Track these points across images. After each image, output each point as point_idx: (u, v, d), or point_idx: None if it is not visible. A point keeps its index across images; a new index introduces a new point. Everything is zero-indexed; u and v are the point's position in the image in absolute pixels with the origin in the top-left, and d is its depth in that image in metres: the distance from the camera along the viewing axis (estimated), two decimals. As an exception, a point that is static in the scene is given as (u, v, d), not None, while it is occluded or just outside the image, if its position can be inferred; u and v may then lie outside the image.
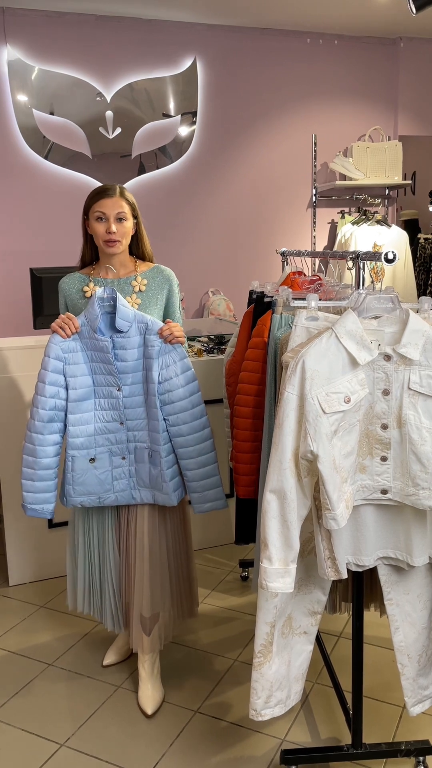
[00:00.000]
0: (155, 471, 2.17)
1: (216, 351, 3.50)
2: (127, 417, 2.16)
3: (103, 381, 2.15)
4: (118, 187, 2.19)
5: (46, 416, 2.13)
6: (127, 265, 2.25)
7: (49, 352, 2.12)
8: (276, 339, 2.12)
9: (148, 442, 2.18)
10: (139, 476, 2.21)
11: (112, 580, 2.29)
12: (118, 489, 2.21)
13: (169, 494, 2.17)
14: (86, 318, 2.11)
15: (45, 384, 2.11)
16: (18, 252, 4.44)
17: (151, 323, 2.11)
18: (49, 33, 4.34)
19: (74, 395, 2.14)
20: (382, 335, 1.70)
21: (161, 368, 2.12)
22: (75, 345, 2.13)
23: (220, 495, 2.29)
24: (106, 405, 2.16)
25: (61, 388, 2.13)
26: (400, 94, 5.16)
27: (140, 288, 2.21)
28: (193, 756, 2.07)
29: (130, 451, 2.20)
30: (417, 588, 1.91)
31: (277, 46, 4.85)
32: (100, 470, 2.19)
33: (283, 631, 1.90)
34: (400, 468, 1.73)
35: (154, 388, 2.11)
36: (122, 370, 2.12)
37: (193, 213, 4.85)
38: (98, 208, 2.14)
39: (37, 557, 3.12)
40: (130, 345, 2.11)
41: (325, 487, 1.63)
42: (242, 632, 2.70)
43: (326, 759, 2.02)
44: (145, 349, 2.12)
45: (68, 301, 2.26)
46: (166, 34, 4.58)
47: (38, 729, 2.20)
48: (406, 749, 2.01)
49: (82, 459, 2.17)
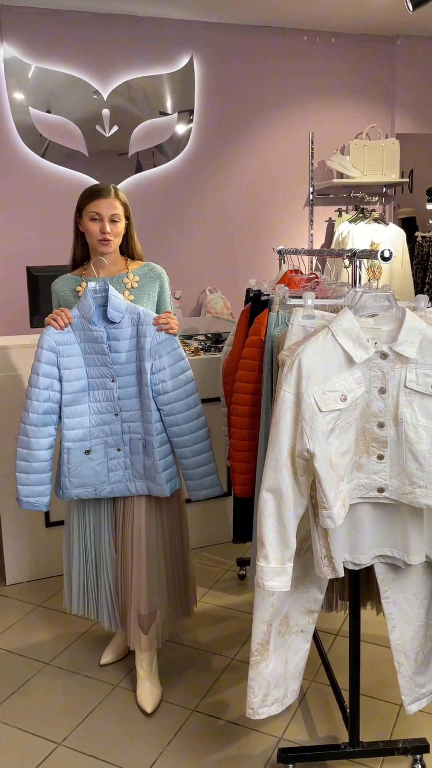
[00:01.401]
0: (149, 462, 2.18)
1: (213, 349, 3.49)
2: (121, 408, 2.17)
3: (97, 373, 2.15)
4: (112, 188, 2.20)
5: (40, 408, 2.13)
6: (117, 264, 2.27)
7: (42, 344, 2.12)
8: (273, 337, 2.11)
9: (142, 433, 2.19)
10: (134, 467, 2.21)
11: (108, 575, 2.29)
12: (113, 480, 2.21)
13: (162, 485, 2.18)
14: (79, 310, 2.12)
15: (39, 375, 2.12)
16: (15, 250, 4.43)
17: (144, 314, 2.12)
18: (46, 31, 4.32)
19: (69, 387, 2.14)
20: (379, 333, 1.70)
21: (154, 359, 2.13)
22: (69, 337, 2.13)
23: (216, 482, 2.31)
24: (100, 397, 2.17)
25: (54, 380, 2.14)
26: (398, 92, 5.16)
27: (132, 284, 2.23)
28: (191, 755, 2.07)
29: (125, 443, 2.20)
30: (414, 586, 1.92)
31: (274, 44, 4.84)
32: (95, 462, 2.19)
33: (280, 629, 1.90)
34: (397, 466, 1.73)
35: (147, 379, 2.12)
36: (116, 361, 2.13)
37: (190, 211, 4.85)
38: (93, 208, 2.15)
39: (34, 556, 3.12)
40: (123, 336, 2.12)
41: (321, 486, 1.63)
42: (239, 631, 2.70)
43: (323, 757, 2.02)
44: (137, 340, 2.13)
45: (62, 302, 2.27)
46: (162, 31, 4.57)
47: (35, 728, 2.20)
48: (403, 747, 2.01)
49: (78, 451, 2.18)
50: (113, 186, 2.22)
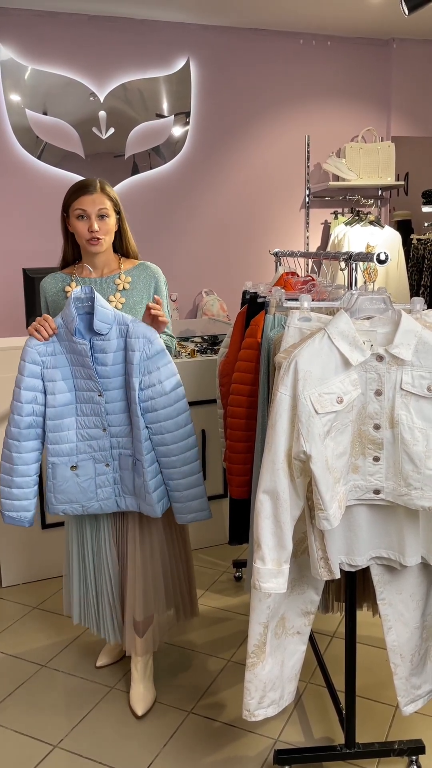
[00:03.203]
0: (139, 481, 2.08)
1: (209, 351, 3.50)
2: (109, 423, 2.06)
3: (83, 386, 2.04)
4: (98, 182, 2.08)
5: (23, 423, 2.04)
6: (110, 264, 2.17)
7: (24, 356, 2.03)
8: (269, 339, 2.12)
9: (132, 449, 2.08)
10: (124, 483, 2.11)
11: (109, 588, 2.21)
12: (101, 497, 2.12)
13: (153, 505, 2.07)
14: (63, 319, 2.00)
15: (21, 389, 2.03)
16: (11, 252, 4.43)
17: (133, 325, 1.99)
18: (42, 33, 4.33)
19: (53, 401, 2.04)
20: (375, 336, 1.71)
21: (144, 374, 2.01)
22: (53, 348, 2.03)
23: (204, 506, 2.18)
24: (87, 411, 2.06)
25: (39, 393, 2.04)
26: (393, 95, 5.17)
27: (124, 286, 2.12)
28: (187, 756, 2.07)
29: (114, 458, 2.10)
30: (410, 588, 1.92)
31: (270, 47, 4.85)
32: (82, 478, 2.09)
33: (276, 631, 1.90)
34: (393, 468, 1.73)
35: (135, 396, 2.00)
36: (102, 374, 2.01)
37: (186, 213, 4.85)
38: (78, 205, 2.04)
39: (30, 558, 3.12)
40: (111, 348, 1.99)
41: (317, 488, 1.63)
42: (236, 632, 2.70)
43: (319, 759, 2.02)
44: (126, 353, 2.00)
45: (49, 301, 2.18)
46: (159, 34, 4.58)
47: (31, 730, 2.20)
48: (399, 749, 2.01)
49: (63, 466, 2.08)
50: (99, 180, 2.09)
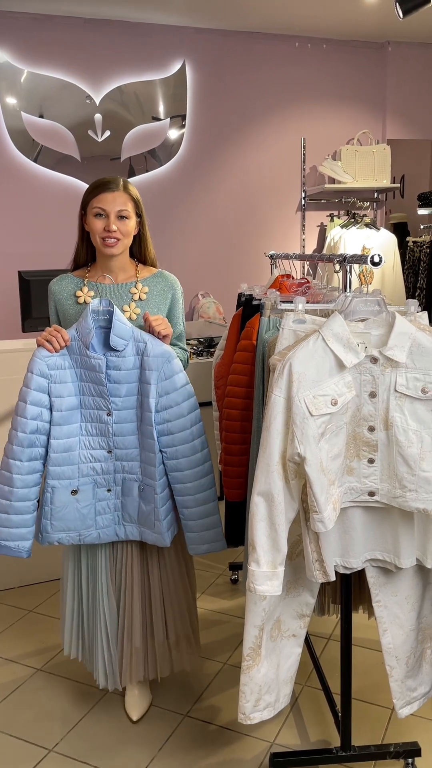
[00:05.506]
0: (147, 508, 1.95)
1: (205, 354, 3.50)
2: (116, 445, 1.94)
3: (91, 403, 1.93)
4: (121, 180, 1.96)
5: (26, 440, 1.90)
6: (127, 270, 2.03)
7: (32, 368, 1.89)
8: (264, 342, 2.12)
9: (138, 474, 1.97)
10: (125, 510, 2.00)
11: (105, 627, 2.09)
12: (101, 525, 1.99)
13: (163, 533, 1.95)
14: (77, 332, 1.89)
15: (27, 404, 1.89)
16: (6, 255, 4.43)
17: (151, 344, 1.89)
18: (38, 36, 4.33)
19: (58, 417, 1.91)
20: (369, 338, 1.71)
21: (160, 395, 1.90)
22: (63, 361, 1.90)
23: (219, 536, 2.05)
24: (93, 430, 1.95)
25: (44, 408, 1.91)
26: (389, 98, 5.19)
27: (140, 296, 2.00)
28: (183, 760, 2.07)
29: (116, 483, 1.98)
30: (405, 590, 1.92)
31: (266, 50, 4.87)
32: (82, 503, 1.96)
33: (271, 634, 1.90)
34: (387, 470, 1.73)
35: (151, 418, 1.88)
36: (114, 392, 1.90)
37: (182, 216, 4.86)
38: (97, 203, 1.91)
39: (24, 562, 3.10)
40: (125, 366, 1.89)
41: (312, 490, 1.63)
42: (231, 635, 2.69)
43: (315, 762, 2.02)
44: (142, 372, 1.89)
45: (58, 306, 2.03)
46: (155, 37, 4.59)
47: (26, 734, 2.19)
48: (395, 751, 2.01)
49: (63, 490, 1.95)
50: (122, 178, 1.97)
